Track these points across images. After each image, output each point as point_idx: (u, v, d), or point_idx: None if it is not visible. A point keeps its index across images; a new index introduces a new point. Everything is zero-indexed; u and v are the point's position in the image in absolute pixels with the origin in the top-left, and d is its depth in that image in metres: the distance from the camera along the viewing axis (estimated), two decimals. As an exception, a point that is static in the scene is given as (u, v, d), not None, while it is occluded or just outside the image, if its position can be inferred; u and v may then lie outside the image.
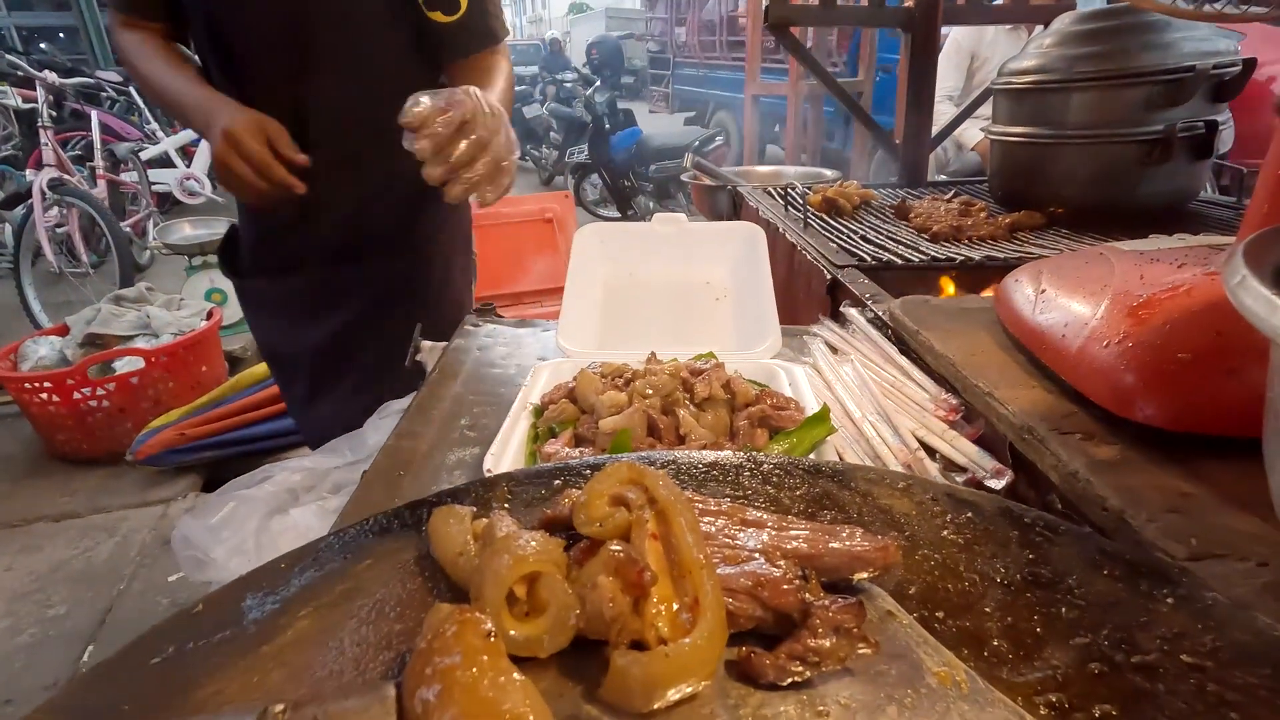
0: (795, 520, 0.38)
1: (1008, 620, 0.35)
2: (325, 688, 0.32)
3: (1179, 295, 0.65)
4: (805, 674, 0.30)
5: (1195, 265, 0.70)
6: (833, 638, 0.30)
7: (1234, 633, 0.33)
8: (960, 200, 1.58)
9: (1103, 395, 0.64)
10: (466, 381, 0.87)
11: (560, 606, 0.31)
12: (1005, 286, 0.89)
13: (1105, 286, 0.72)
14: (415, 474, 0.66)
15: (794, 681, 0.30)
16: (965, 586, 0.37)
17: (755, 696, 0.30)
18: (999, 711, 0.29)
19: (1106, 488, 0.54)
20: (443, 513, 0.39)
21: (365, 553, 0.41)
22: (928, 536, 0.41)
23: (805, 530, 0.36)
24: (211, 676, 0.32)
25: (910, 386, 0.83)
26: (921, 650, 0.32)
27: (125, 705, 0.31)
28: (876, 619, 0.34)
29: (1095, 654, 0.32)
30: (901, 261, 1.26)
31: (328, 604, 0.37)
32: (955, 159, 3.13)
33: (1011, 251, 1.28)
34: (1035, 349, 0.76)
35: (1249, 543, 0.47)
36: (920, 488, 0.45)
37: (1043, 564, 0.38)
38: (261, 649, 0.34)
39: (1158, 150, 1.34)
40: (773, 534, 0.36)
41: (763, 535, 0.36)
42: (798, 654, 0.30)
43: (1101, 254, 0.82)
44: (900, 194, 1.81)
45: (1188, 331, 0.60)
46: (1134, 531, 0.50)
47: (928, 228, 1.42)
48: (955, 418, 0.75)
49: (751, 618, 0.32)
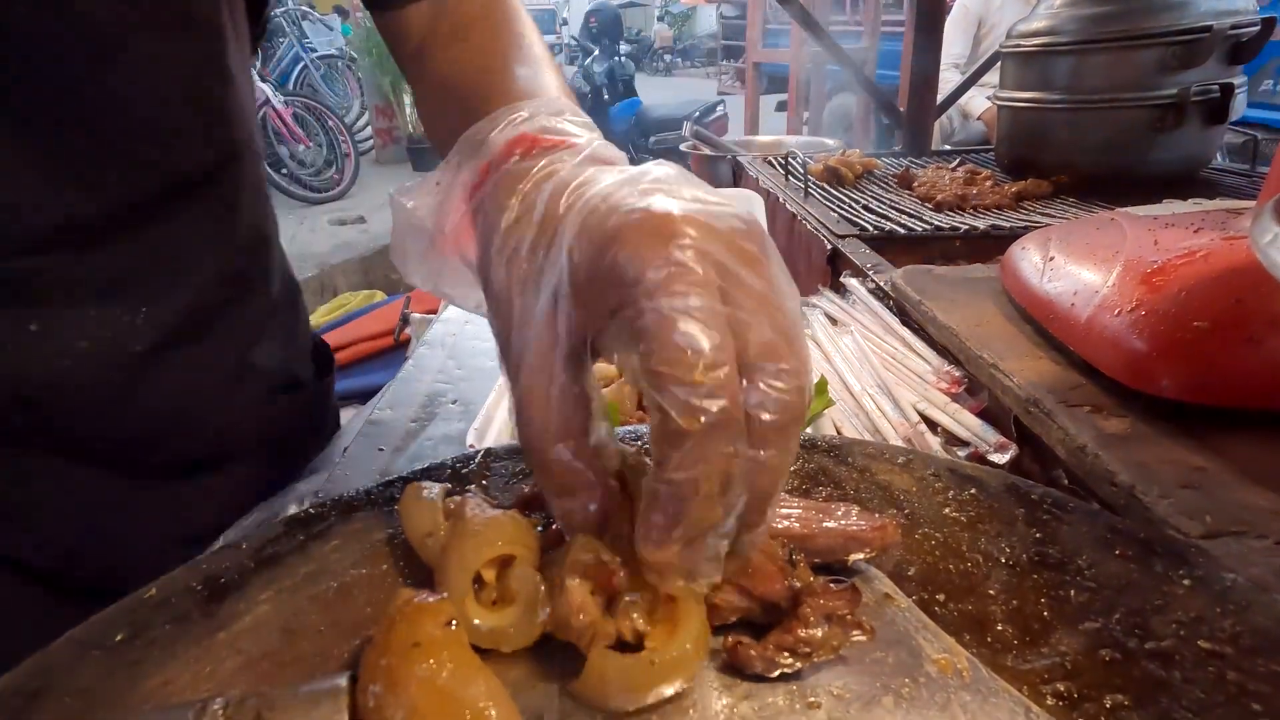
0: (787, 497, 0.35)
1: (1013, 603, 0.32)
2: (281, 678, 0.30)
3: (1195, 261, 0.62)
4: (796, 665, 0.28)
5: (1213, 230, 0.66)
6: (825, 626, 0.28)
7: (1255, 617, 0.30)
8: (965, 169, 1.54)
9: (1114, 366, 0.61)
10: (454, 354, 0.85)
11: (528, 599, 0.28)
12: (1012, 255, 0.86)
13: (1117, 253, 0.69)
14: (397, 449, 0.64)
15: (783, 673, 0.28)
16: (968, 567, 0.35)
17: (741, 687, 0.28)
18: (1004, 702, 0.27)
19: (1116, 462, 0.52)
20: (413, 490, 0.36)
21: (332, 533, 0.38)
22: (928, 514, 0.38)
23: (797, 509, 0.33)
24: (161, 666, 0.30)
25: (912, 359, 0.80)
26: (920, 636, 0.30)
27: (67, 698, 0.29)
28: (873, 602, 0.32)
29: (1107, 640, 0.30)
30: (904, 231, 1.23)
31: (289, 588, 0.35)
32: (961, 129, 3.07)
33: (1018, 220, 1.25)
34: (1043, 319, 0.73)
35: (1267, 519, 0.45)
36: (921, 463, 0.43)
37: (1051, 543, 0.36)
38: (217, 635, 0.32)
39: (1170, 115, 1.29)
40: (793, 525, 0.34)
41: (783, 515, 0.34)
42: (787, 645, 0.27)
43: (1113, 219, 0.78)
44: (904, 163, 1.76)
45: (1205, 298, 0.58)
46: (1145, 508, 0.47)
47: (932, 197, 1.38)
48: (958, 390, 0.73)
49: (736, 609, 0.29)
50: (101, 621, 0.32)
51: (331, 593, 0.35)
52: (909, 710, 0.27)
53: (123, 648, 0.31)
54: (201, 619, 0.33)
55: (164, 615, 0.33)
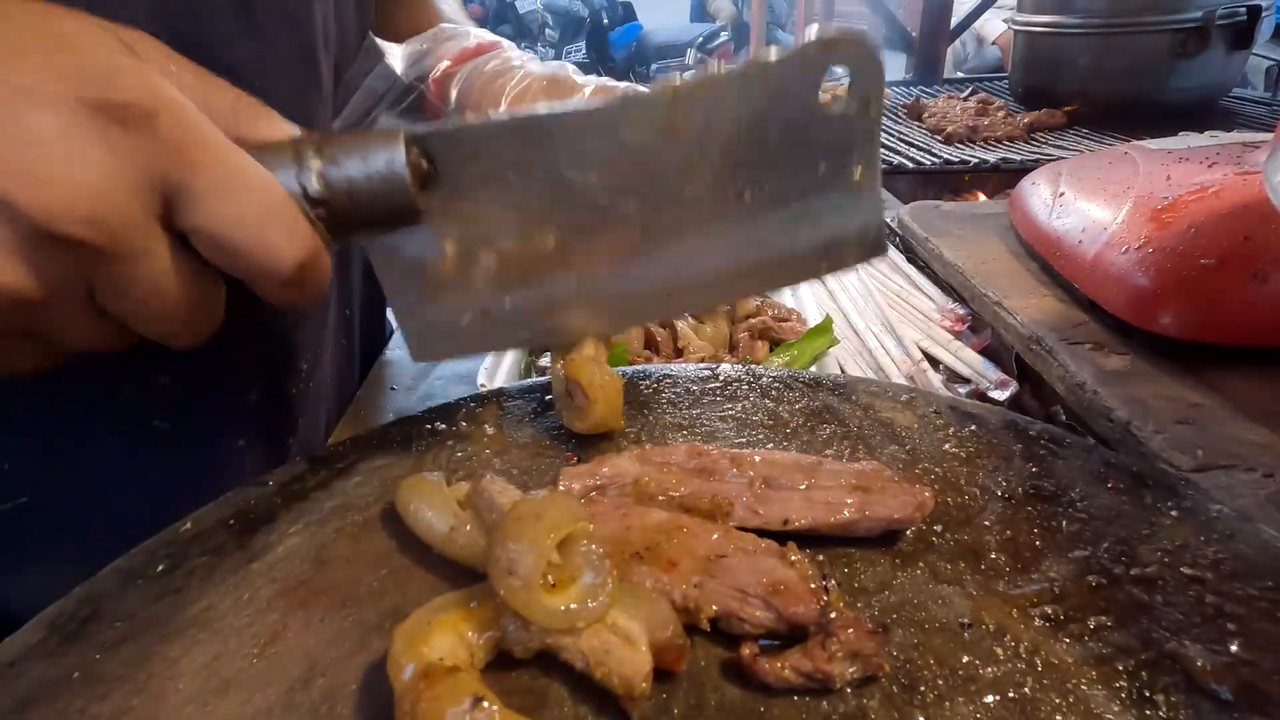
0: (824, 467, 0.35)
1: (1007, 534, 0.34)
2: (316, 604, 0.32)
3: (1207, 197, 0.61)
4: (804, 686, 0.27)
5: (1227, 164, 0.66)
6: (849, 664, 0.27)
7: (1238, 545, 0.32)
8: (978, 99, 1.50)
9: (1117, 304, 0.62)
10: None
11: (596, 570, 0.28)
12: (1021, 190, 0.85)
13: (1128, 189, 0.68)
14: (408, 389, 0.65)
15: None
16: (965, 500, 0.36)
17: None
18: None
19: (1114, 399, 0.53)
20: (411, 486, 0.35)
21: (353, 470, 0.40)
22: (929, 450, 0.40)
23: (843, 494, 0.33)
24: (202, 593, 0.32)
25: (917, 296, 0.80)
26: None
27: (117, 622, 0.31)
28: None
29: (1094, 567, 0.32)
30: (912, 165, 1.21)
31: (316, 521, 0.36)
32: (975, 54, 2.96)
33: (1029, 153, 1.23)
34: (1049, 256, 0.73)
35: (1257, 453, 0.46)
36: (923, 400, 0.44)
37: (1046, 477, 0.37)
38: (252, 565, 0.34)
39: (1193, 40, 1.25)
40: (801, 504, 0.33)
41: (793, 502, 0.33)
42: (805, 670, 0.27)
43: (1126, 153, 0.77)
44: (914, 92, 1.71)
45: (1213, 235, 0.57)
46: (1139, 443, 0.49)
47: (942, 129, 1.35)
48: (961, 328, 0.74)
49: (763, 626, 0.28)
50: (142, 553, 0.34)
51: (356, 526, 0.36)
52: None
53: (164, 577, 0.33)
54: (236, 550, 0.35)
55: (200, 547, 0.35)
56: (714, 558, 0.30)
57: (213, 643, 0.30)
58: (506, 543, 0.27)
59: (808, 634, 0.28)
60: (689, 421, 0.43)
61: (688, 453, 0.37)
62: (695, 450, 0.37)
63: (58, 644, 0.30)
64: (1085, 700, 0.26)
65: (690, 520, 0.32)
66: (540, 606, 0.27)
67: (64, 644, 0.30)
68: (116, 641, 0.30)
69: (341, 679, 0.28)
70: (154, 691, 0.28)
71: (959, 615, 0.30)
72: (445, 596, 0.29)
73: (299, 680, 0.28)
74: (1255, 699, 0.26)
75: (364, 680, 0.28)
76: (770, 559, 0.30)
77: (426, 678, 0.25)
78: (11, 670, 0.29)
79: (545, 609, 0.27)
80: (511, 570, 0.27)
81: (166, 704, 0.28)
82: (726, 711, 0.27)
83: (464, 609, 0.28)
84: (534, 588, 0.27)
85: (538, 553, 0.27)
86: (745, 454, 0.37)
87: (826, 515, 0.33)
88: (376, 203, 0.33)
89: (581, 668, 0.27)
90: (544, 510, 0.28)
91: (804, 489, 0.34)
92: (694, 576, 0.29)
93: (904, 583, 0.32)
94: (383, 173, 0.32)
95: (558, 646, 0.27)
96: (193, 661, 0.29)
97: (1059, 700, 0.26)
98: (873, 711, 0.26)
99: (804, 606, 0.28)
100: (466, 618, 0.28)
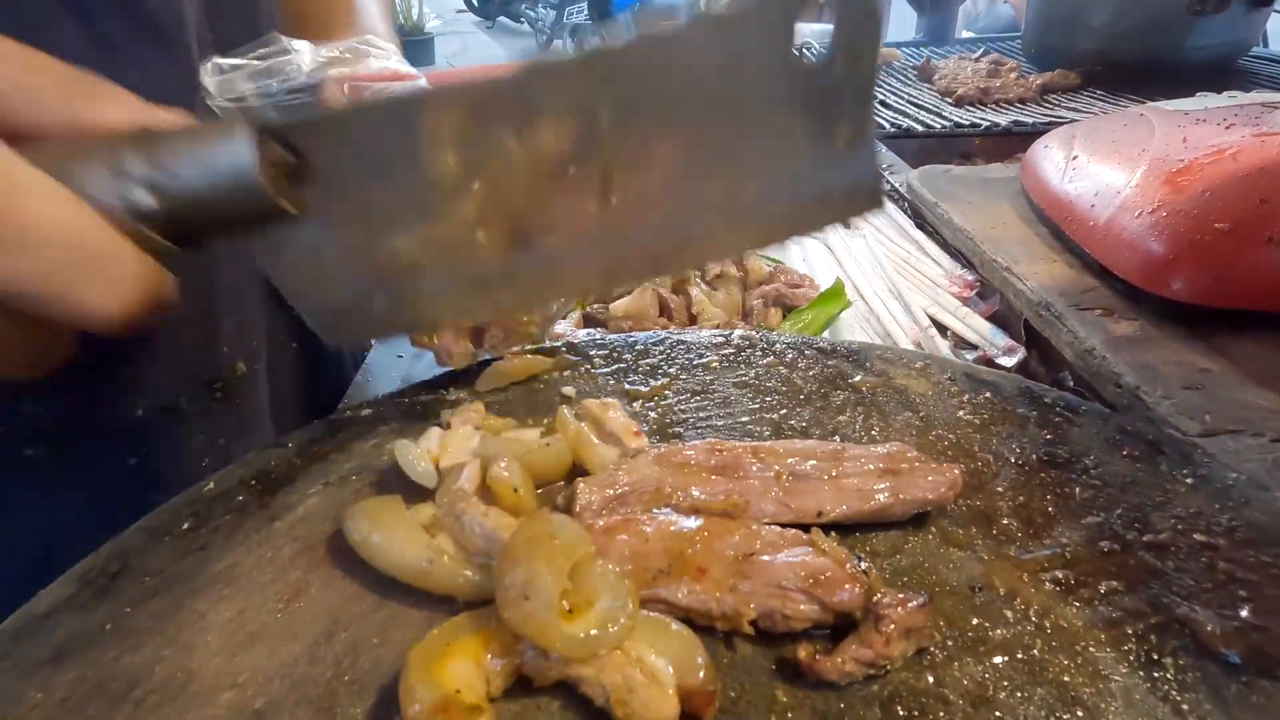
0: (849, 453, 0.34)
1: (1020, 500, 0.34)
2: (337, 563, 0.32)
3: (1223, 160, 0.60)
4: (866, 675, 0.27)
5: (1245, 126, 0.64)
6: (904, 641, 0.27)
7: (1252, 513, 0.32)
8: (989, 59, 1.46)
9: (1129, 269, 0.61)
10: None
11: (615, 593, 0.26)
12: (1033, 154, 0.84)
13: (1143, 151, 0.67)
14: (415, 355, 0.65)
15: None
16: (979, 466, 0.36)
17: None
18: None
19: (1123, 364, 0.53)
20: (365, 514, 0.31)
21: (370, 434, 0.40)
22: (943, 417, 0.40)
23: (872, 479, 0.33)
24: (226, 550, 0.33)
25: (925, 262, 0.80)
26: None
27: (147, 577, 0.32)
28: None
29: (1107, 533, 0.32)
30: (921, 128, 1.18)
31: (335, 482, 0.37)
32: (986, 12, 2.88)
33: (1041, 116, 1.20)
34: (1060, 221, 0.72)
35: (1265, 418, 0.46)
36: (939, 367, 0.44)
37: (1060, 444, 0.37)
38: (274, 524, 0.34)
39: (1214, -3, 1.22)
40: (832, 493, 0.33)
41: (824, 492, 0.33)
42: (866, 659, 0.26)
43: (1142, 115, 0.76)
44: (924, 53, 1.67)
45: (1228, 199, 0.57)
46: (1147, 408, 0.49)
47: (952, 91, 1.32)
48: (970, 294, 0.73)
49: (809, 619, 0.28)
50: (168, 511, 0.35)
51: (373, 487, 0.37)
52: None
53: (189, 535, 0.34)
54: (258, 510, 0.35)
55: (223, 506, 0.35)
56: (743, 557, 0.29)
57: (238, 598, 0.31)
58: (518, 567, 0.26)
59: (853, 621, 0.27)
60: (702, 388, 0.43)
61: (707, 450, 0.35)
62: (714, 447, 0.35)
63: (90, 597, 0.31)
64: (1093, 662, 0.27)
65: (709, 522, 0.31)
66: (559, 633, 0.25)
67: (96, 597, 0.31)
68: (146, 595, 0.31)
69: (363, 634, 0.29)
70: (184, 643, 0.29)
71: (970, 579, 0.30)
72: (462, 617, 0.27)
73: (322, 634, 0.29)
74: (1264, 662, 0.26)
75: (385, 635, 0.29)
76: (800, 549, 0.29)
77: (443, 714, 0.24)
78: (47, 621, 0.30)
79: (564, 636, 0.25)
80: (527, 595, 0.25)
81: (196, 655, 0.28)
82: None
83: (483, 631, 0.26)
84: (552, 612, 0.25)
85: (555, 573, 0.25)
86: (765, 446, 0.35)
87: (860, 503, 0.32)
88: (227, 208, 0.28)
89: (602, 704, 0.25)
90: (557, 530, 0.27)
91: (832, 477, 0.33)
92: (728, 580, 0.28)
93: (915, 546, 0.32)
94: (228, 177, 0.28)
95: (578, 677, 0.25)
96: (220, 615, 0.30)
97: (1067, 662, 0.27)
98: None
99: (847, 593, 0.27)
100: (485, 642, 0.26)
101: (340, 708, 0.26)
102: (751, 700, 0.26)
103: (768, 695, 0.26)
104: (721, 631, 0.28)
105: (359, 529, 0.31)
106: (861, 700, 0.26)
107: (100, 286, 0.25)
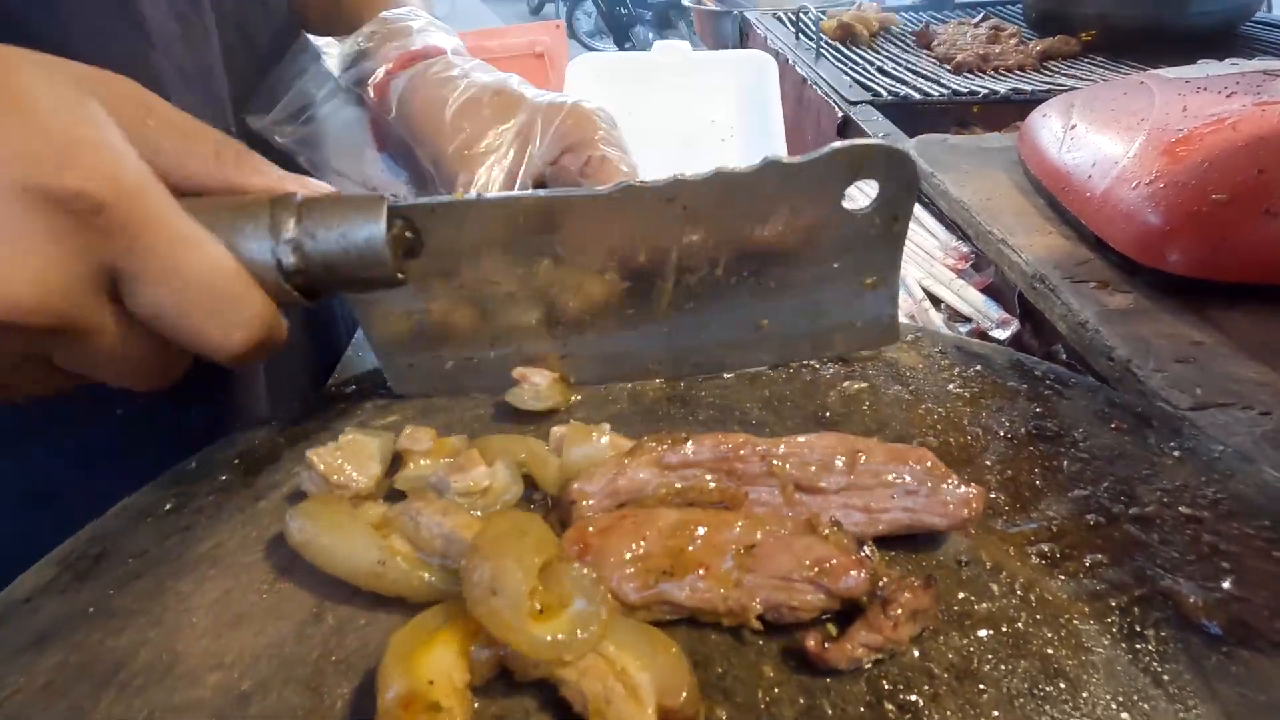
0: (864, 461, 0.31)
1: (1008, 473, 0.34)
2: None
3: (1223, 129, 0.59)
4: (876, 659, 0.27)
5: (1246, 94, 0.63)
6: (912, 624, 0.26)
7: (1238, 485, 0.32)
8: (989, 25, 1.44)
9: (1124, 240, 0.61)
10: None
11: (589, 595, 0.25)
12: (1031, 123, 0.83)
13: (1142, 120, 0.66)
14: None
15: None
16: (968, 440, 0.36)
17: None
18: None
19: (1115, 337, 0.53)
20: (307, 514, 0.30)
21: (354, 413, 0.40)
22: (932, 390, 0.40)
23: (884, 497, 0.31)
24: (210, 531, 0.33)
25: (920, 234, 0.79)
26: None
27: (130, 559, 0.31)
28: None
29: (1093, 506, 0.32)
30: (920, 96, 1.17)
31: (321, 461, 0.36)
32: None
33: (1040, 83, 1.19)
34: (1057, 192, 0.71)
35: (1255, 391, 0.46)
36: (929, 340, 0.44)
37: (1049, 417, 0.37)
38: (259, 504, 0.34)
39: (1218, -40, 1.19)
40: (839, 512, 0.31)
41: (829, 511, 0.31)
42: (876, 645, 0.26)
43: (1142, 83, 0.75)
44: (924, 18, 1.64)
45: (1227, 169, 0.56)
46: (1139, 382, 0.49)
47: (951, 57, 1.30)
48: (964, 266, 0.73)
49: (816, 608, 0.27)
50: (150, 492, 0.35)
51: (361, 465, 0.36)
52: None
53: (173, 515, 0.34)
54: (242, 489, 0.35)
55: (207, 486, 0.35)
56: (745, 550, 0.28)
57: (223, 578, 0.31)
58: (485, 561, 0.25)
59: (859, 606, 0.27)
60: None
61: (710, 446, 0.32)
62: (717, 441, 0.33)
63: (70, 580, 0.30)
64: (1076, 635, 0.27)
65: (705, 514, 0.30)
66: (526, 635, 0.24)
67: (77, 580, 0.30)
68: (129, 577, 0.31)
69: (350, 614, 0.29)
70: (169, 625, 0.29)
71: (957, 552, 0.30)
72: (448, 603, 0.27)
73: (309, 614, 0.29)
74: (1244, 633, 0.26)
75: (372, 615, 0.29)
76: (803, 537, 0.28)
77: (408, 706, 0.23)
78: (27, 606, 0.29)
79: (531, 637, 0.24)
80: (494, 590, 0.24)
81: (182, 636, 0.28)
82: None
83: (468, 619, 0.25)
84: (521, 609, 0.24)
85: (525, 570, 0.25)
86: (774, 446, 0.32)
87: (866, 527, 0.31)
88: (355, 273, 0.33)
89: (579, 710, 0.25)
90: (528, 526, 0.26)
91: (842, 489, 0.31)
92: (731, 575, 0.28)
93: (904, 520, 0.32)
94: (361, 247, 0.32)
95: (558, 679, 0.25)
96: (205, 596, 0.30)
97: (1050, 635, 0.27)
98: (871, 645, 0.27)
99: (853, 579, 0.27)
100: (471, 630, 0.25)
101: (327, 688, 0.26)
102: (738, 675, 0.26)
103: (754, 671, 0.26)
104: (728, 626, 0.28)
105: (303, 530, 0.29)
106: (848, 674, 0.26)
107: (230, 323, 0.29)
